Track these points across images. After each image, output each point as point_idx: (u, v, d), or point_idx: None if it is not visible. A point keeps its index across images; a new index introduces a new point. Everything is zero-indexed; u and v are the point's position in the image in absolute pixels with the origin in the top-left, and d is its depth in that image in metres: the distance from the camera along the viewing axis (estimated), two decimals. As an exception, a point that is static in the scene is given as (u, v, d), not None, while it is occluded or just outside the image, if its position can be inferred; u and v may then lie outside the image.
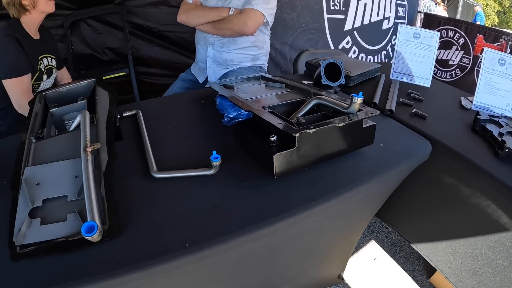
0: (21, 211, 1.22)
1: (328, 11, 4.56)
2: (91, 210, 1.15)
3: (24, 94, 2.66)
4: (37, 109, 1.72)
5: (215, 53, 3.09)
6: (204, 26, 2.98)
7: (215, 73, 3.17)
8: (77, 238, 1.14)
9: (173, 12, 3.90)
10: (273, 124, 1.40)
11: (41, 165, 1.37)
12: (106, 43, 4.23)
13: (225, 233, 1.19)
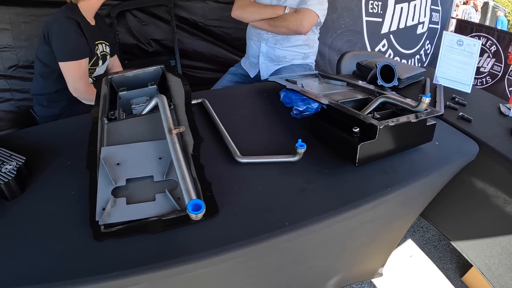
0: (103, 190, 1.22)
1: (366, 14, 4.54)
2: (188, 190, 1.15)
3: (81, 78, 2.65)
4: (105, 91, 1.74)
5: (268, 49, 3.11)
6: (259, 23, 2.98)
7: (268, 68, 3.19)
8: (172, 217, 1.14)
9: (219, 7, 3.97)
10: (357, 117, 1.44)
11: (119, 146, 1.38)
12: (151, 35, 4.24)
13: (318, 214, 1.22)
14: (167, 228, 1.13)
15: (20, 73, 4.13)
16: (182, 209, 1.16)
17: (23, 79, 4.13)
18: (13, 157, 1.60)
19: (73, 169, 1.55)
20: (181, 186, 1.18)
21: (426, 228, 3.27)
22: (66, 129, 1.98)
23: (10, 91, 4.15)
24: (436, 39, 5.75)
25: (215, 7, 4.04)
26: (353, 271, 2.20)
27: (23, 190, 1.51)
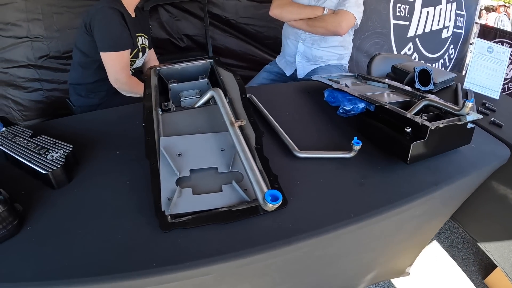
0: (166, 180, 1.24)
1: (394, 17, 4.54)
2: (258, 182, 1.17)
3: (123, 69, 2.66)
4: (155, 82, 1.76)
5: (305, 49, 3.13)
6: (297, 22, 3.01)
7: (304, 68, 3.22)
8: (243, 207, 1.17)
9: (252, 5, 3.99)
10: (411, 118, 1.49)
11: (178, 136, 1.40)
12: (183, 30, 4.25)
13: (378, 207, 1.26)
14: (239, 218, 1.15)
15: (50, 63, 4.16)
16: (251, 200, 1.20)
17: (53, 69, 4.17)
18: (58, 144, 1.63)
19: (124, 159, 1.58)
20: (251, 177, 1.20)
21: (451, 230, 3.29)
22: (108, 119, 2.01)
23: (40, 81, 4.19)
24: (460, 44, 5.73)
25: (247, 5, 4.05)
26: (386, 267, 2.24)
27: (70, 179, 1.53)
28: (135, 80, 2.78)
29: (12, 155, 1.66)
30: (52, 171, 1.44)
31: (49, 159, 1.51)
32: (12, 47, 4.10)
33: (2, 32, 3.98)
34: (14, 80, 4.20)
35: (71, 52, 3.93)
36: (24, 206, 1.33)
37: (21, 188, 1.47)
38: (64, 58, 4.14)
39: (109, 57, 2.61)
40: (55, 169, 1.45)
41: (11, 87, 4.23)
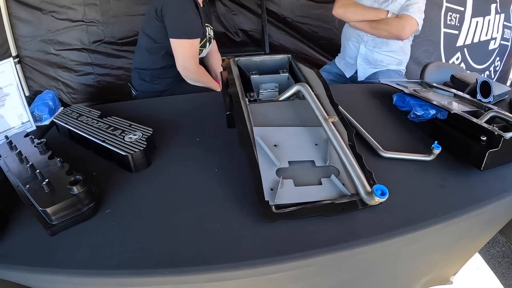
0: (266, 170, 1.24)
1: (445, 25, 4.51)
2: (359, 178, 1.18)
3: (192, 57, 2.67)
4: (237, 72, 1.77)
5: (366, 52, 3.13)
6: (360, 24, 3.02)
7: (365, 71, 3.23)
8: (346, 201, 1.18)
9: (308, 4, 4.01)
10: (486, 127, 1.48)
11: (273, 128, 1.41)
12: (239, 25, 4.28)
13: (458, 209, 1.27)
14: (342, 211, 1.16)
15: (104, 48, 4.20)
16: (351, 194, 1.20)
17: (107, 54, 4.22)
18: (134, 127, 1.63)
19: (206, 146, 1.60)
20: (351, 173, 1.22)
21: (492, 243, 3.27)
22: (180, 106, 2.04)
23: (92, 65, 4.26)
24: (506, 56, 5.69)
25: (304, 4, 4.06)
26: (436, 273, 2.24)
27: (149, 163, 1.54)
28: (202, 70, 2.80)
29: (82, 134, 1.68)
30: (133, 153, 1.46)
31: (128, 141, 1.53)
32: (66, 30, 4.16)
33: (57, 15, 4.04)
34: (66, 63, 4.26)
35: (126, 38, 4.07)
36: (99, 188, 1.35)
37: (91, 169, 1.50)
38: (118, 44, 4.19)
39: (179, 44, 2.61)
40: (136, 152, 1.47)
41: (62, 69, 4.30)
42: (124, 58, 4.33)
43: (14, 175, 1.48)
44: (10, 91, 2.04)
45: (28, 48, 4.32)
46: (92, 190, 1.30)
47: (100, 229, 1.23)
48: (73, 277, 1.08)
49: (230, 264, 1.04)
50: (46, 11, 4.09)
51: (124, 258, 1.10)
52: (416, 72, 3.80)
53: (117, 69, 4.38)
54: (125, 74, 4.37)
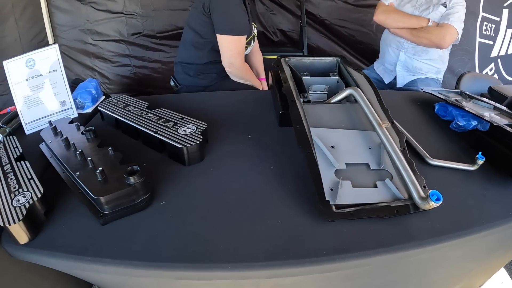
0: (325, 170, 1.27)
1: (480, 35, 4.49)
2: (413, 183, 1.22)
3: (239, 54, 2.66)
4: (289, 72, 1.80)
5: (406, 59, 3.13)
6: (401, 31, 3.03)
7: (404, 78, 3.23)
8: (400, 204, 1.21)
9: (347, 8, 4.02)
10: None
11: (329, 129, 1.44)
12: (278, 24, 4.30)
13: (500, 218, 1.28)
14: (397, 214, 1.19)
15: (143, 41, 4.25)
16: (405, 198, 1.24)
17: (144, 47, 4.27)
18: (186, 120, 1.65)
19: (259, 143, 1.63)
20: (406, 177, 1.25)
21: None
22: (227, 101, 2.08)
23: (129, 57, 4.31)
24: (539, 70, 5.65)
25: (343, 7, 4.07)
26: (466, 282, 2.24)
27: (203, 157, 1.56)
28: (247, 67, 2.81)
29: (132, 124, 1.70)
30: (189, 146, 1.48)
31: (182, 134, 1.55)
32: (105, 21, 4.22)
33: (96, 6, 4.11)
34: (103, 53, 4.32)
35: (164, 32, 4.13)
36: (151, 180, 1.38)
37: (141, 159, 1.52)
38: (157, 37, 4.24)
39: (226, 40, 2.61)
40: (192, 145, 1.49)
41: (99, 59, 4.37)
42: (162, 51, 4.37)
43: (61, 161, 1.51)
44: (54, 77, 2.08)
45: (66, 37, 4.38)
46: (147, 181, 1.31)
47: (156, 221, 1.25)
48: (127, 268, 1.11)
49: (294, 261, 1.07)
50: (86, 2, 4.17)
51: (182, 251, 1.12)
52: (449, 81, 3.80)
53: (154, 62, 4.43)
54: (162, 68, 4.43)
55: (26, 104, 2.04)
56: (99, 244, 1.18)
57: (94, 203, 1.31)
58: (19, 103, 2.03)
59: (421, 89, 2.18)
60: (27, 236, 1.24)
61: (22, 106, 2.03)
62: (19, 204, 1.26)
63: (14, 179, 1.42)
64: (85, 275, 1.33)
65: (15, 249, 1.24)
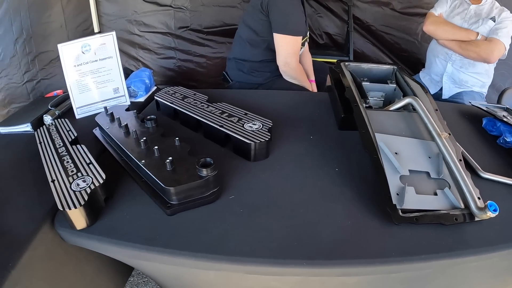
0: (391, 175, 1.32)
1: (522, 48, 4.51)
2: (470, 193, 1.27)
3: (294, 54, 2.67)
4: (350, 77, 1.85)
5: (453, 71, 3.15)
6: (450, 43, 3.04)
7: (450, 90, 3.26)
8: (459, 213, 1.26)
9: (394, 15, 4.04)
10: None
11: (393, 136, 1.49)
12: (324, 27, 4.32)
13: None
14: (456, 222, 1.24)
15: (189, 35, 4.33)
16: (462, 207, 1.29)
17: (191, 41, 4.35)
18: (250, 116, 1.70)
19: (321, 144, 1.68)
20: (464, 188, 1.30)
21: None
22: (283, 101, 2.14)
23: (175, 50, 4.39)
24: None
25: (389, 14, 4.08)
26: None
27: (268, 154, 1.60)
28: (301, 68, 2.84)
29: (194, 116, 1.75)
30: (258, 143, 1.52)
31: (248, 130, 1.59)
32: (153, 13, 4.31)
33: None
34: (149, 45, 4.41)
35: (211, 27, 4.21)
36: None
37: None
38: (204, 32, 4.31)
39: (283, 40, 2.62)
40: (261, 142, 1.53)
41: (144, 50, 4.46)
42: (207, 47, 4.44)
43: (122, 147, 1.55)
44: (109, 63, 2.17)
45: (111, 26, 4.47)
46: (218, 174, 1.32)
47: (226, 215, 1.29)
48: (198, 260, 1.13)
49: (364, 260, 1.11)
50: (135, -7, 4.23)
51: (255, 246, 1.15)
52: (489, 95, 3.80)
53: (199, 56, 4.49)
54: (207, 63, 4.49)
55: (78, 88, 2.10)
56: (167, 234, 1.21)
57: (161, 192, 1.35)
58: (71, 87, 2.09)
59: (469, 102, 2.20)
60: (85, 222, 1.27)
61: (74, 90, 2.10)
62: (79, 188, 1.29)
63: (71, 162, 1.46)
64: (147, 266, 1.39)
65: (70, 234, 1.29)
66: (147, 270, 1.50)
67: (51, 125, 1.87)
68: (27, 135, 2.02)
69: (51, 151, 1.59)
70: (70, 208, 1.20)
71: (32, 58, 4.54)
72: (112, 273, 1.78)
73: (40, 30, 4.41)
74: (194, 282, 1.43)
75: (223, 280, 1.31)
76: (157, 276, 1.55)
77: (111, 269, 1.75)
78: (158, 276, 1.54)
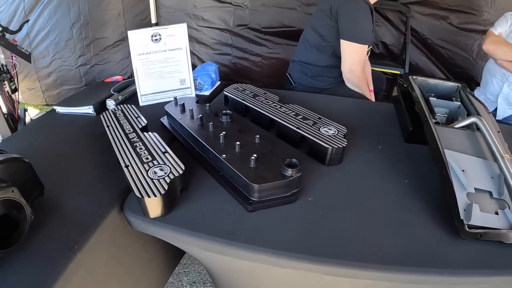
0: (459, 191, 1.35)
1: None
2: None
3: (360, 62, 2.69)
4: (419, 91, 1.90)
5: (509, 92, 3.08)
6: (509, 64, 3.01)
7: (505, 111, 3.22)
8: None
9: (450, 30, 4.01)
10: None
11: (461, 154, 1.52)
12: (381, 37, 4.32)
13: None
14: None
15: (247, 33, 4.43)
16: None
17: (248, 40, 4.45)
18: (324, 120, 1.75)
19: (391, 155, 1.72)
20: None
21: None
22: (349, 107, 2.20)
23: (231, 47, 4.50)
24: None
25: (446, 28, 4.04)
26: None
27: (341, 160, 1.65)
28: (364, 76, 2.87)
29: (269, 115, 1.81)
30: (336, 148, 1.58)
31: (325, 134, 1.64)
32: (213, 9, 4.43)
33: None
34: (206, 40, 4.54)
35: (270, 28, 4.31)
36: None
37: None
38: (262, 32, 4.38)
39: (351, 47, 2.66)
40: (338, 147, 1.58)
41: (200, 44, 4.60)
42: (264, 46, 4.52)
43: (200, 140, 1.60)
44: (178, 54, 2.25)
45: (169, 19, 4.64)
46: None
47: (306, 215, 1.33)
48: (280, 258, 1.18)
49: (436, 270, 1.15)
50: (196, -12, 4.33)
51: (333, 248, 1.19)
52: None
53: (255, 55, 4.58)
54: (262, 62, 4.58)
55: (145, 76, 2.20)
56: (247, 230, 1.26)
57: (242, 189, 1.40)
58: (138, 74, 2.18)
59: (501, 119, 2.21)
60: (161, 211, 1.32)
61: (141, 78, 2.20)
62: (156, 177, 1.34)
63: (145, 149, 1.52)
64: (223, 262, 1.43)
65: (141, 221, 1.35)
66: (211, 262, 1.55)
67: (117, 109, 1.95)
68: (87, 117, 2.13)
69: (120, 136, 1.66)
70: (150, 197, 1.26)
71: (87, 43, 4.74)
72: (164, 259, 1.85)
73: (98, 17, 4.63)
74: (263, 279, 1.48)
75: (296, 278, 1.34)
76: (219, 269, 1.61)
77: (163, 255, 1.82)
78: (221, 269, 1.60)
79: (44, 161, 1.53)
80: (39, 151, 1.76)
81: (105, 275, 1.39)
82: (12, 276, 1.13)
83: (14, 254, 1.18)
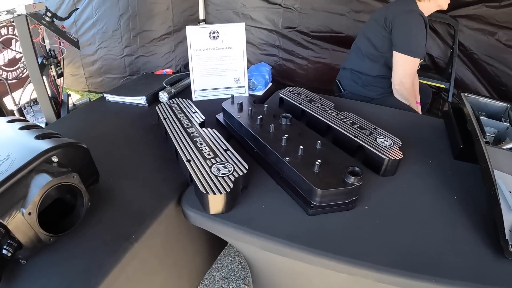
0: (506, 212, 1.34)
1: None
2: None
3: (411, 75, 2.70)
4: (471, 110, 1.92)
5: None
6: None
7: None
8: None
9: (497, 46, 3.95)
10: None
11: (508, 175, 1.52)
12: (428, 49, 4.25)
13: None
14: None
15: (295, 36, 4.48)
16: None
17: (295, 42, 4.51)
18: (379, 131, 1.77)
19: (441, 171, 1.75)
20: None
21: None
22: (398, 119, 2.22)
23: (278, 48, 4.58)
24: None
25: (494, 45, 3.97)
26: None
27: (395, 172, 1.68)
28: (413, 89, 2.87)
29: (327, 122, 1.85)
30: (392, 160, 1.61)
31: (381, 145, 1.68)
32: (262, 9, 4.50)
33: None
34: (253, 39, 4.63)
35: (318, 32, 4.35)
36: None
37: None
38: (310, 35, 4.43)
39: (403, 60, 2.66)
40: (395, 159, 1.61)
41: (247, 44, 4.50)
42: (311, 50, 4.56)
43: (262, 141, 1.63)
44: (235, 52, 2.33)
45: (217, 16, 4.75)
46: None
47: (364, 223, 1.37)
48: (339, 263, 1.21)
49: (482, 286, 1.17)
50: (247, -12, 4.38)
51: (390, 257, 1.23)
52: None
53: (302, 58, 4.63)
54: (308, 66, 4.62)
55: (200, 72, 2.27)
56: (308, 233, 1.29)
57: (304, 192, 1.43)
58: (193, 70, 2.25)
59: None
60: (223, 208, 1.37)
61: (196, 73, 2.26)
62: (220, 174, 1.38)
63: (206, 145, 1.56)
64: (273, 259, 1.42)
65: (200, 216, 1.39)
66: (263, 261, 1.58)
67: (173, 103, 2.00)
68: (139, 107, 2.20)
69: (179, 129, 1.70)
70: (215, 193, 1.30)
71: (134, 34, 4.87)
72: (206, 253, 1.90)
73: (146, 10, 4.76)
74: (314, 282, 1.50)
75: (347, 284, 1.37)
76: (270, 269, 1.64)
77: (206, 249, 1.87)
78: (272, 269, 1.63)
79: (98, 148, 1.56)
80: (92, 138, 1.80)
81: (155, 265, 1.45)
82: (65, 261, 1.19)
83: (66, 240, 1.24)
